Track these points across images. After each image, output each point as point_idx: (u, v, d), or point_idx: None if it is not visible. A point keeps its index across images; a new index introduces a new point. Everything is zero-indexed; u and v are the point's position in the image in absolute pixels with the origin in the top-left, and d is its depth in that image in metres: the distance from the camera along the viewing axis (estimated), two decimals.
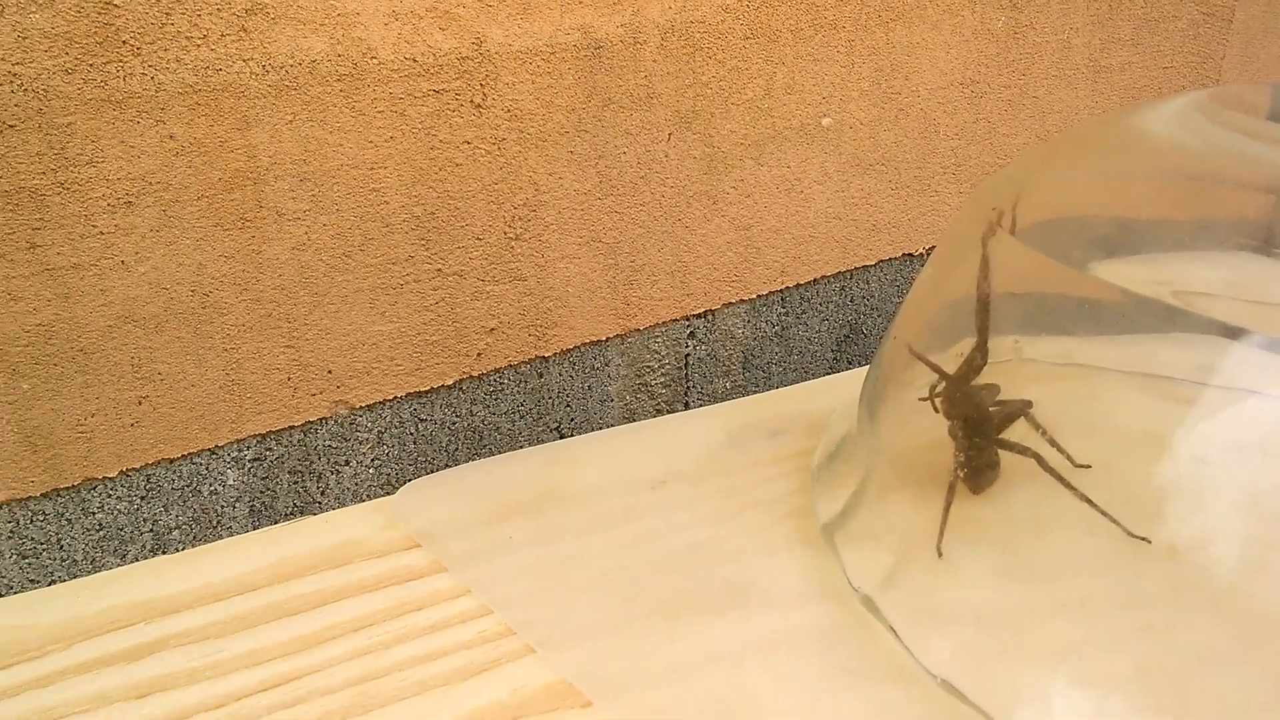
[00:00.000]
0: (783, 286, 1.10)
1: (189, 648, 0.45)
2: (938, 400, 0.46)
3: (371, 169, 0.82)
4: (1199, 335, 0.40)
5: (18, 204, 0.69)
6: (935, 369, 0.45)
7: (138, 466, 0.79)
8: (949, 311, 0.49)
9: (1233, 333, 0.39)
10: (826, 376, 0.68)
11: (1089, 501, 0.40)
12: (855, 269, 1.16)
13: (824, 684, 0.42)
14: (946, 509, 0.43)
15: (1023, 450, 0.42)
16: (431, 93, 0.83)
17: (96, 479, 0.77)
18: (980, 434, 0.44)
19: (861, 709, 0.41)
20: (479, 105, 0.86)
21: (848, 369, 0.68)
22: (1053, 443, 0.42)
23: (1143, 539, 0.39)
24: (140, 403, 0.77)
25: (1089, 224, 0.48)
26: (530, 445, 0.59)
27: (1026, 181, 0.50)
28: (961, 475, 0.43)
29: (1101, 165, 0.51)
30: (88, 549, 0.78)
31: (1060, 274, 0.44)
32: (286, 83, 0.77)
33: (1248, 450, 0.39)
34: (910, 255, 1.20)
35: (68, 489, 0.76)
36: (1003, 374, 0.44)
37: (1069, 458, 0.42)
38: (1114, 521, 0.39)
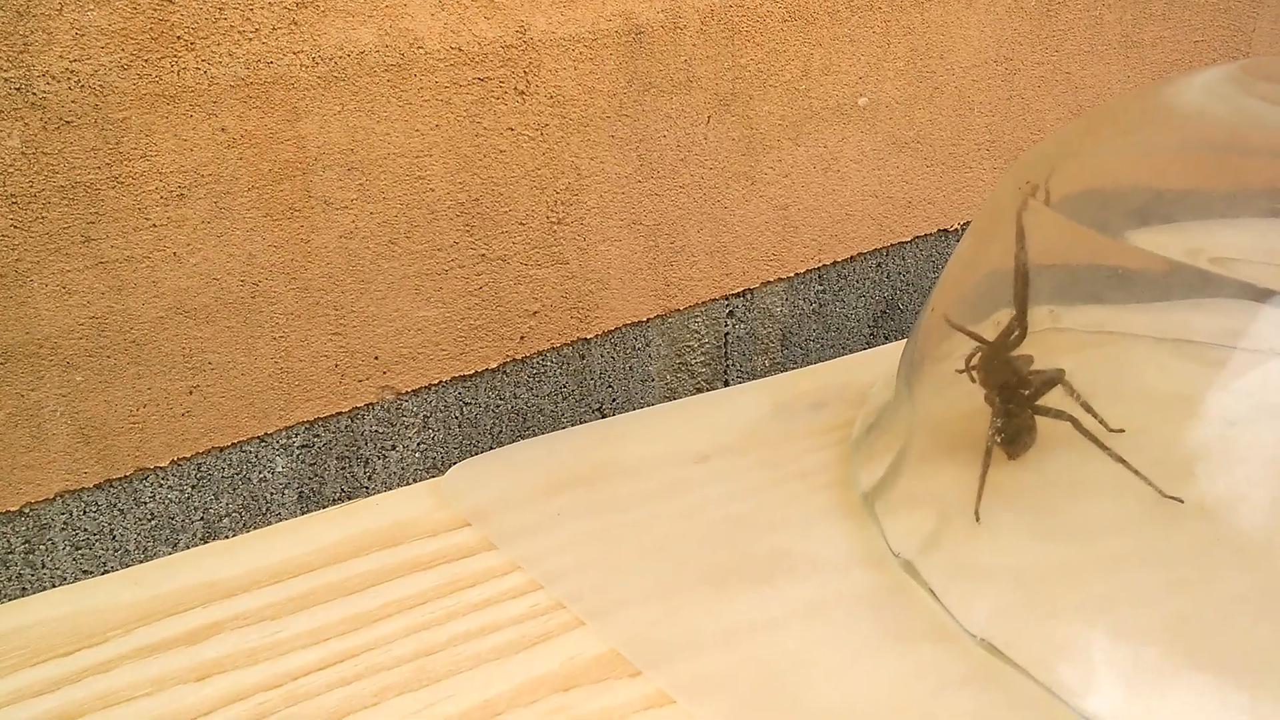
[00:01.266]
0: (820, 265, 1.11)
1: (247, 629, 0.45)
2: (974, 370, 0.46)
3: (417, 157, 0.83)
4: (1229, 300, 0.41)
5: (73, 199, 0.70)
6: (973, 336, 0.46)
7: (189, 456, 0.79)
8: (986, 283, 0.50)
9: (1262, 296, 0.39)
10: (865, 351, 0.68)
11: (1124, 462, 0.40)
12: (891, 246, 1.16)
13: (867, 646, 0.42)
14: (984, 474, 0.43)
15: (1058, 414, 0.43)
16: (476, 81, 0.84)
17: (148, 469, 0.78)
18: (1016, 401, 0.44)
19: (904, 669, 0.41)
20: (522, 92, 0.87)
21: (885, 344, 0.68)
22: (1087, 407, 0.42)
23: (1175, 499, 0.39)
24: (191, 392, 0.78)
25: (1122, 195, 0.48)
26: (573, 426, 0.60)
27: (1061, 155, 0.51)
28: (998, 441, 0.44)
29: (1134, 138, 0.51)
30: (140, 538, 0.79)
31: (1094, 242, 0.45)
32: (335, 74, 0.78)
33: (1276, 411, 0.39)
34: (946, 231, 1.20)
35: (120, 479, 0.77)
36: (1038, 343, 0.45)
37: (1103, 422, 0.42)
38: (1148, 482, 0.40)
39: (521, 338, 0.92)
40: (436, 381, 0.89)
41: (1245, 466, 0.38)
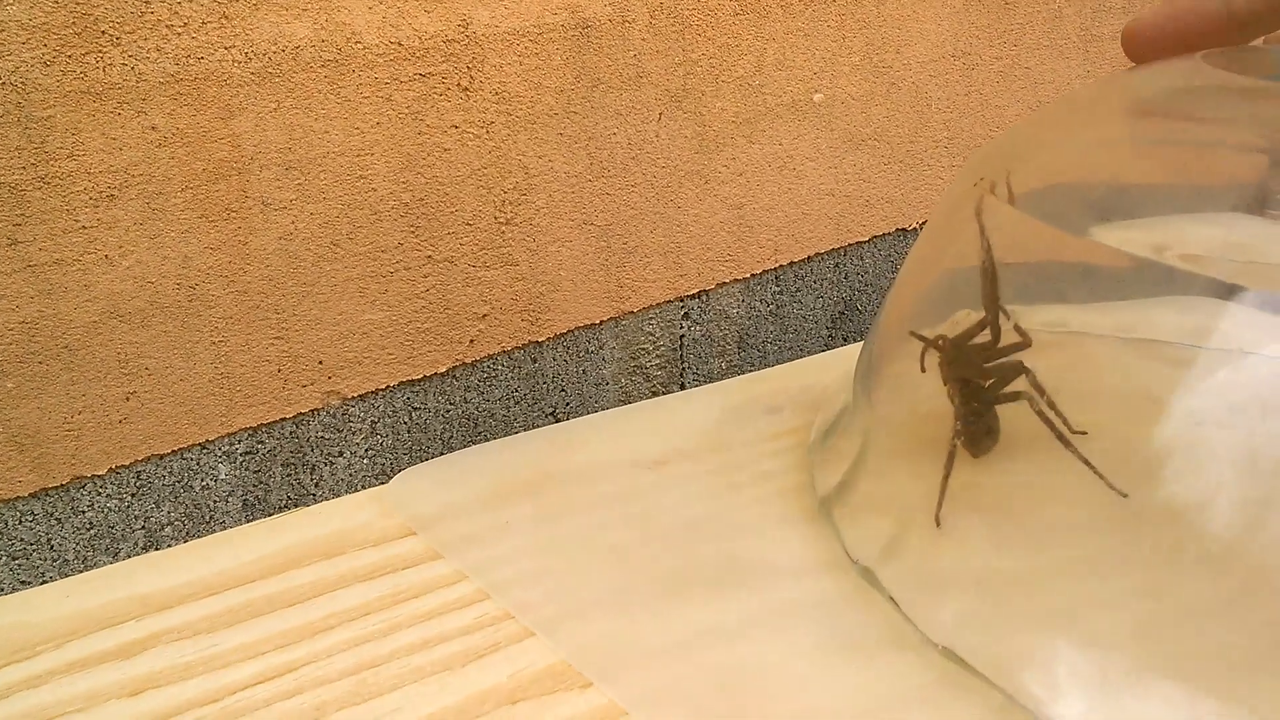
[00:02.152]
0: (777, 265, 1.10)
1: (183, 643, 0.43)
2: (936, 363, 0.45)
3: (358, 156, 0.81)
4: (1195, 297, 0.40)
5: None
6: (930, 341, 0.44)
7: (127, 464, 0.77)
8: (944, 284, 0.48)
9: (1228, 291, 0.38)
10: (823, 353, 0.67)
11: (1073, 449, 0.39)
12: (849, 245, 1.15)
13: (825, 656, 0.41)
14: (945, 477, 0.42)
15: (1014, 397, 0.41)
16: (418, 76, 0.82)
17: (85, 477, 0.76)
18: (978, 398, 0.43)
19: (864, 679, 0.40)
20: (466, 88, 0.85)
21: (844, 345, 0.67)
22: (1051, 405, 0.41)
23: (1121, 494, 0.38)
24: (128, 399, 0.76)
25: (1082, 190, 0.47)
26: (525, 431, 0.58)
27: (1020, 149, 0.49)
28: (959, 443, 0.42)
29: (1094, 131, 0.50)
30: (79, 548, 0.77)
31: (1056, 239, 0.43)
32: (270, 70, 0.76)
33: (1243, 410, 0.38)
34: (904, 230, 1.19)
35: (56, 488, 0.75)
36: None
37: (1066, 423, 0.41)
38: (1097, 473, 0.39)
39: (471, 341, 0.91)
40: (384, 386, 0.87)
41: (1213, 468, 0.37)
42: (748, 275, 1.08)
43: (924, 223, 1.19)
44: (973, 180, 0.46)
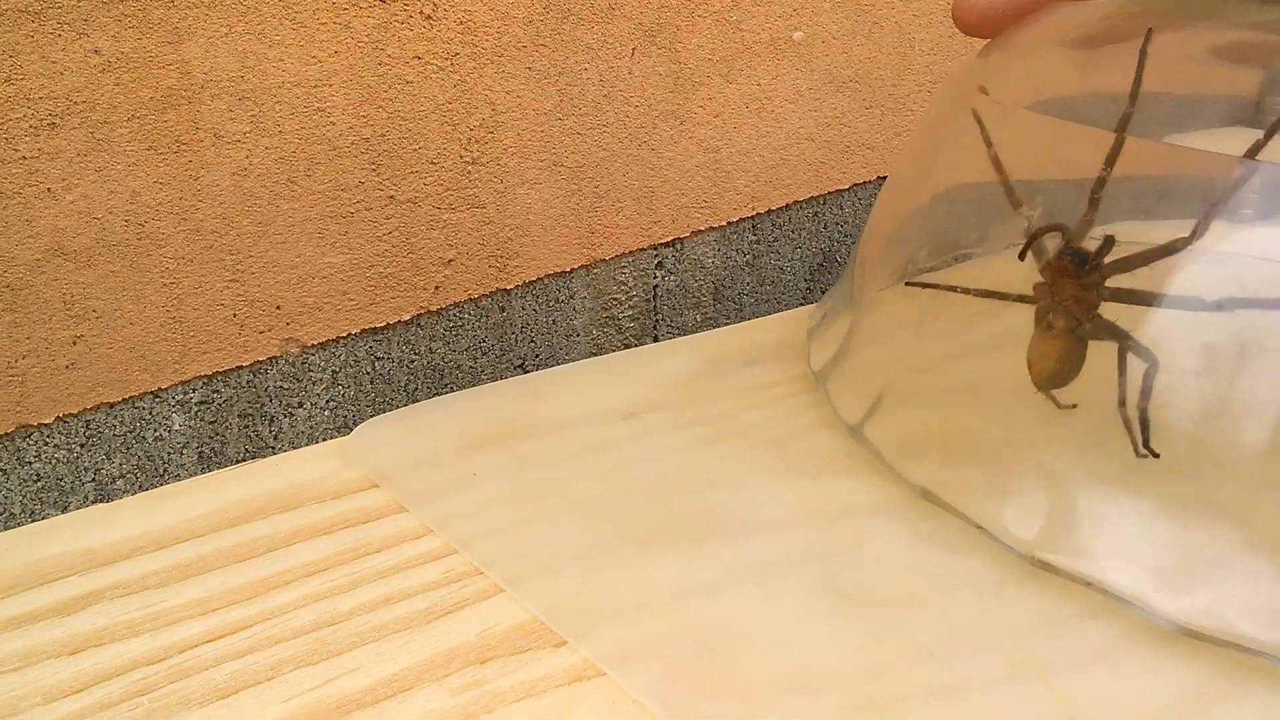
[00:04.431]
0: (754, 213, 1.07)
1: (128, 599, 0.42)
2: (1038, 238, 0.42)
3: (315, 87, 0.77)
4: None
5: None
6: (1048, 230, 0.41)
7: (75, 412, 0.74)
8: (931, 210, 0.48)
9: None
10: (802, 307, 0.66)
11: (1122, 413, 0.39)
12: (829, 193, 1.12)
13: (814, 610, 0.41)
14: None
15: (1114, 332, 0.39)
16: (378, 2, 0.79)
17: (31, 426, 0.73)
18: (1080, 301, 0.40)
19: (856, 634, 0.39)
20: (429, 16, 0.82)
21: (822, 298, 0.66)
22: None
23: (1153, 454, 0.39)
24: (75, 343, 0.73)
25: (1072, 104, 0.47)
26: (493, 382, 0.57)
27: (1000, 64, 0.49)
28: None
29: (1079, 44, 0.50)
30: (25, 501, 0.74)
31: (1087, 144, 0.42)
32: None
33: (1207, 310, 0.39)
34: (885, 178, 1.16)
35: (0, 438, 0.72)
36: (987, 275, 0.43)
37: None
38: (1131, 435, 0.39)
39: (436, 288, 0.88)
40: (345, 334, 0.84)
41: (1174, 369, 0.38)
42: (724, 223, 1.05)
43: None
44: (963, 90, 0.45)
